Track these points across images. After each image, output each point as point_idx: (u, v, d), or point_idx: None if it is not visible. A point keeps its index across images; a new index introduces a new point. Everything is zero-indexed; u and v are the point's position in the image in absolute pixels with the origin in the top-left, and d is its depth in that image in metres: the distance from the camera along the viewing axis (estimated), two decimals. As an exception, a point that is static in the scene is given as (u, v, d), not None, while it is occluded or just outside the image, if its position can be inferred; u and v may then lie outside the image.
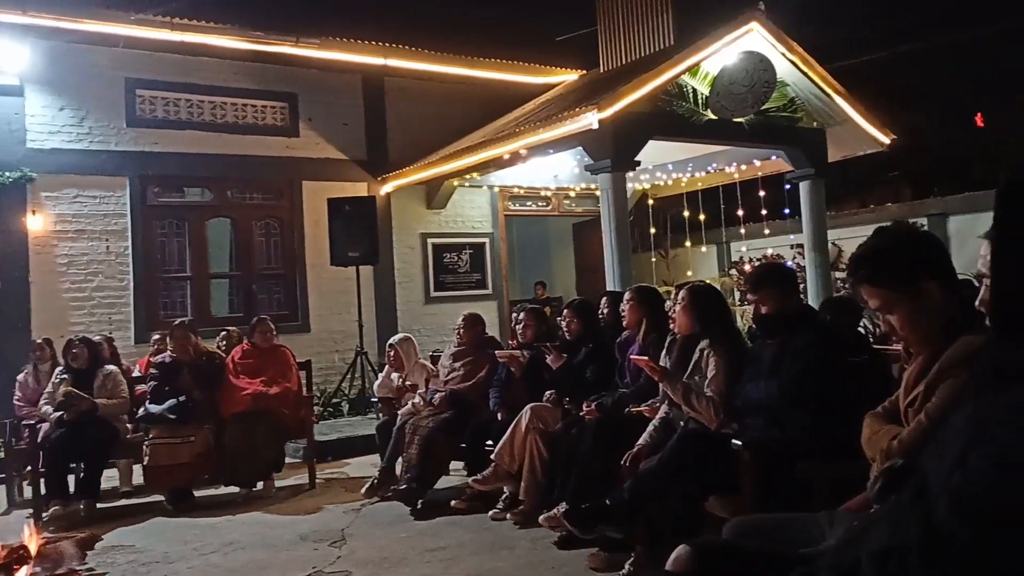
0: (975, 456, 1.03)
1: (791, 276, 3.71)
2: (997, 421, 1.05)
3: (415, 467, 5.27)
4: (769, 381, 3.30)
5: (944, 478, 1.06)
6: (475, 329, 5.86)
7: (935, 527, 1.04)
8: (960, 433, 1.08)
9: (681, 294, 3.98)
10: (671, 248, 12.38)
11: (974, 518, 1.02)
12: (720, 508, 3.36)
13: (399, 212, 10.61)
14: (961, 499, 1.03)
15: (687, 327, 3.95)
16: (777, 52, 8.48)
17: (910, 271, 2.11)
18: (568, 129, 7.75)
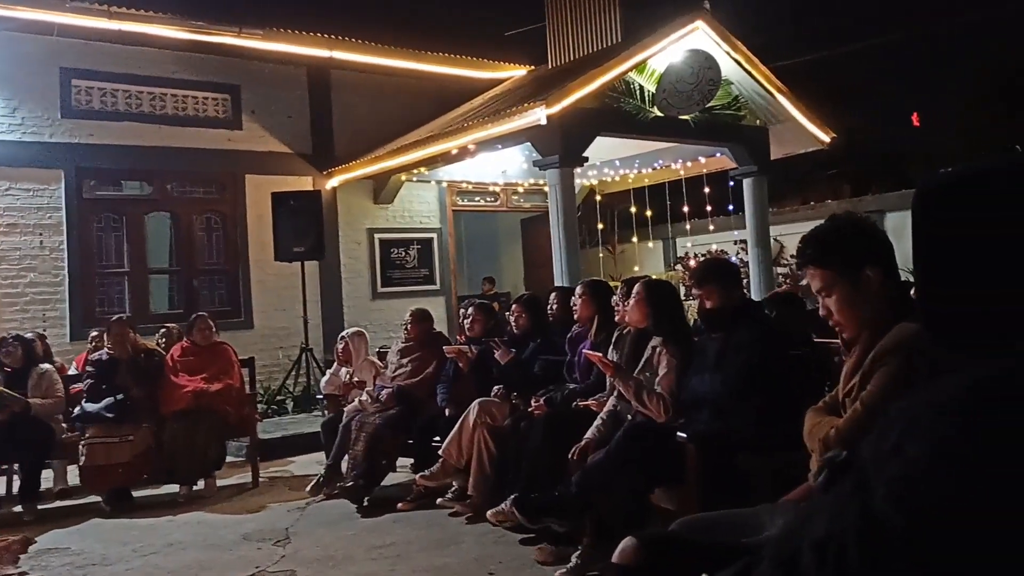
0: (911, 445, 1.05)
1: (734, 271, 3.76)
2: (933, 410, 1.07)
3: (361, 464, 5.22)
4: (713, 375, 3.35)
5: (881, 467, 1.08)
6: (423, 325, 5.82)
7: (872, 515, 1.06)
8: (897, 423, 1.11)
9: (636, 288, 4.01)
10: (618, 244, 12.48)
11: (909, 506, 1.03)
12: (666, 500, 3.40)
13: (345, 207, 10.48)
14: (897, 487, 1.04)
15: (640, 321, 3.98)
16: (722, 51, 8.61)
17: (855, 255, 2.20)
18: (516, 124, 7.75)
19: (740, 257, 10.45)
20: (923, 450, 1.05)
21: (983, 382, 1.05)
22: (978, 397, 1.04)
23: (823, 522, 1.20)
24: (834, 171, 16.42)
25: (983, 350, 1.10)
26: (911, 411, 1.12)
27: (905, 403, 1.19)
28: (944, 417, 1.05)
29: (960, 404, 1.05)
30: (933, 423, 1.06)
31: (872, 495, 1.09)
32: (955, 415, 1.04)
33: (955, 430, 1.03)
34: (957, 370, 1.12)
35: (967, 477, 1.00)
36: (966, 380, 1.07)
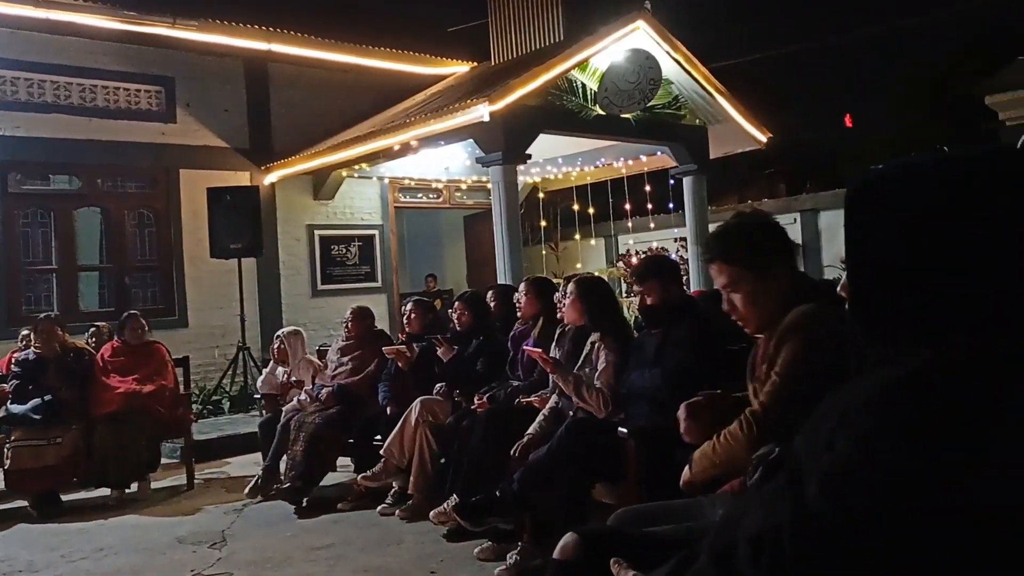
0: (841, 440, 1.07)
1: (674, 268, 3.80)
2: (860, 405, 1.09)
3: (300, 464, 5.14)
4: (653, 370, 3.39)
5: (814, 462, 1.10)
6: (364, 322, 5.76)
7: (805, 509, 1.07)
8: (828, 418, 1.12)
9: (569, 287, 4.03)
10: (561, 241, 12.53)
11: (840, 498, 1.05)
12: (607, 495, 3.42)
13: (284, 203, 10.28)
14: (828, 480, 1.06)
15: (576, 319, 4.00)
16: (662, 51, 8.71)
17: (762, 252, 2.27)
18: (459, 121, 7.72)
19: (680, 254, 10.59)
20: (852, 444, 1.07)
21: (908, 378, 1.07)
22: (903, 392, 1.06)
23: (758, 516, 1.21)
24: (771, 170, 16.78)
25: (910, 344, 1.12)
26: (841, 406, 1.14)
27: (835, 398, 1.21)
28: (871, 412, 1.07)
29: (886, 399, 1.07)
30: (861, 418, 1.07)
31: (805, 489, 1.10)
32: (881, 410, 1.06)
33: (881, 424, 1.05)
34: (884, 364, 1.15)
35: (893, 469, 1.02)
36: (892, 376, 1.09)
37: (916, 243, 1.11)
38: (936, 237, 1.10)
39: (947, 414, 1.00)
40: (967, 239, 1.08)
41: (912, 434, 1.01)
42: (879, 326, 1.18)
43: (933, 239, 1.10)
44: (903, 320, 1.14)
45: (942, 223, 1.10)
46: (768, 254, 2.27)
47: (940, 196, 1.10)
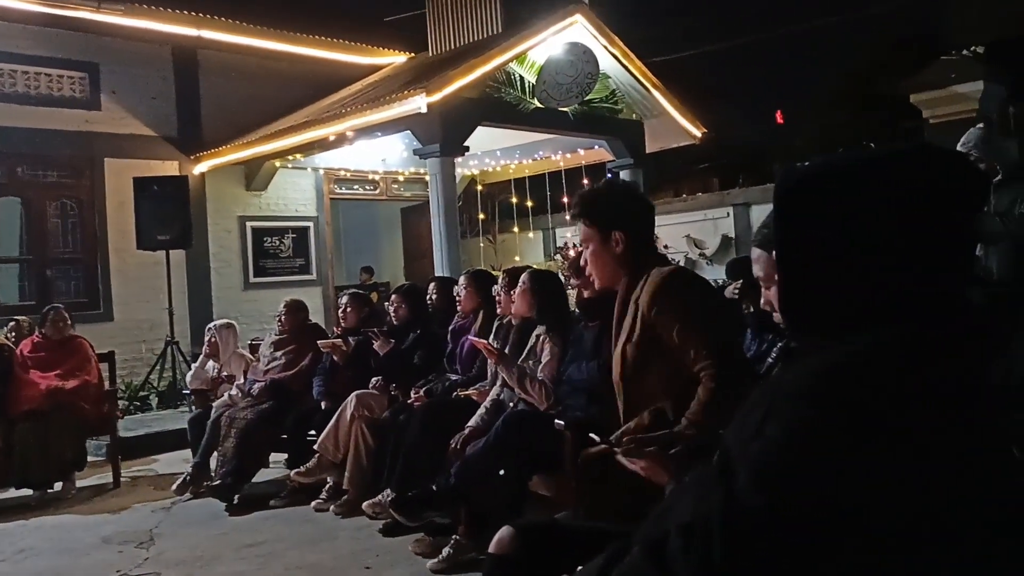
0: (769, 427, 1.08)
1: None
2: (788, 394, 1.11)
3: (231, 460, 5.03)
4: (590, 362, 3.40)
5: (743, 451, 1.11)
6: (298, 316, 5.65)
7: (735, 497, 1.08)
8: (757, 407, 1.14)
9: (523, 278, 4.01)
10: (499, 233, 12.52)
11: (769, 486, 1.06)
12: (543, 487, 3.43)
13: (215, 193, 10.04)
14: (758, 468, 1.08)
15: (527, 311, 3.99)
16: (600, 45, 8.76)
17: (607, 217, 2.61)
18: (396, 112, 7.64)
19: (617, 247, 10.67)
20: (780, 433, 1.09)
21: (833, 368, 1.10)
22: (829, 382, 1.08)
23: (689, 506, 1.22)
24: (705, 165, 17.06)
25: (836, 334, 1.14)
26: (769, 396, 1.16)
27: (764, 388, 1.23)
28: (798, 401, 1.09)
29: (812, 389, 1.09)
30: (789, 407, 1.09)
31: (735, 478, 1.12)
32: (808, 399, 1.08)
33: (808, 412, 1.07)
34: (811, 354, 1.17)
35: (820, 456, 1.05)
36: (818, 366, 1.12)
37: (842, 237, 1.13)
38: (861, 232, 1.12)
39: (870, 402, 1.03)
40: (890, 234, 1.11)
41: (838, 422, 1.03)
42: (807, 318, 1.21)
43: (858, 234, 1.12)
44: (829, 311, 1.17)
45: (867, 219, 1.12)
46: (611, 220, 2.59)
47: (865, 193, 1.13)
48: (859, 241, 1.12)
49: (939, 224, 1.11)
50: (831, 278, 1.15)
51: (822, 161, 1.20)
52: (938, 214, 1.10)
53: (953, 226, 1.12)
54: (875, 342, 1.09)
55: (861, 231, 1.12)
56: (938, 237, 1.11)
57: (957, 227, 1.13)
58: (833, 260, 1.14)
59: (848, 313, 1.14)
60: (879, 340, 1.08)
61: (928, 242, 1.11)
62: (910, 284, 1.11)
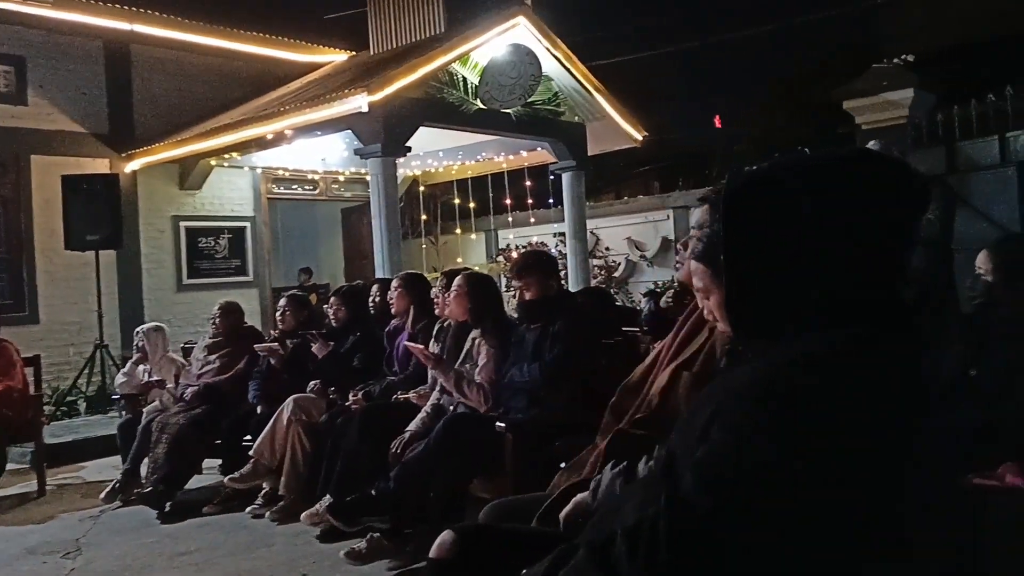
0: (715, 430, 1.08)
1: (552, 263, 3.82)
2: (733, 397, 1.11)
3: (163, 467, 4.88)
4: (531, 364, 3.39)
5: (689, 452, 1.10)
6: (232, 318, 5.52)
7: (680, 499, 1.08)
8: (703, 409, 1.13)
9: (457, 281, 3.97)
10: (441, 235, 12.45)
11: (715, 487, 1.07)
12: (483, 489, 3.40)
13: (147, 192, 9.74)
14: (703, 470, 1.08)
15: (462, 314, 3.96)
16: (542, 47, 8.77)
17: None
18: (336, 111, 7.53)
19: (559, 249, 10.71)
20: (725, 435, 1.09)
21: (777, 370, 1.10)
22: (773, 384, 1.09)
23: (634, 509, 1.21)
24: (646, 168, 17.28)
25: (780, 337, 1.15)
26: (715, 399, 1.15)
27: (709, 390, 1.23)
28: (743, 404, 1.10)
29: (757, 391, 1.10)
30: (734, 410, 1.10)
31: (680, 480, 1.11)
32: (753, 402, 1.09)
33: (753, 415, 1.08)
34: (756, 357, 1.17)
35: (764, 458, 1.05)
36: (763, 369, 1.12)
37: (788, 240, 1.15)
38: (806, 235, 1.14)
39: (813, 405, 1.03)
40: (834, 237, 1.13)
41: (782, 424, 1.03)
42: (752, 320, 1.21)
43: (803, 237, 1.14)
44: (774, 313, 1.17)
45: (811, 222, 1.14)
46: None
47: (810, 197, 1.14)
48: (804, 244, 1.14)
49: (881, 229, 1.13)
50: (776, 280, 1.16)
51: (769, 165, 1.22)
52: (880, 219, 1.13)
53: (894, 230, 1.14)
54: (817, 344, 1.10)
55: (806, 234, 1.14)
56: (880, 241, 1.13)
57: (898, 231, 1.15)
58: (778, 262, 1.15)
59: (792, 315, 1.15)
60: (821, 342, 1.09)
61: (870, 246, 1.13)
62: (852, 287, 1.12)
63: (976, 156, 7.43)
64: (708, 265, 1.78)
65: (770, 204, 1.17)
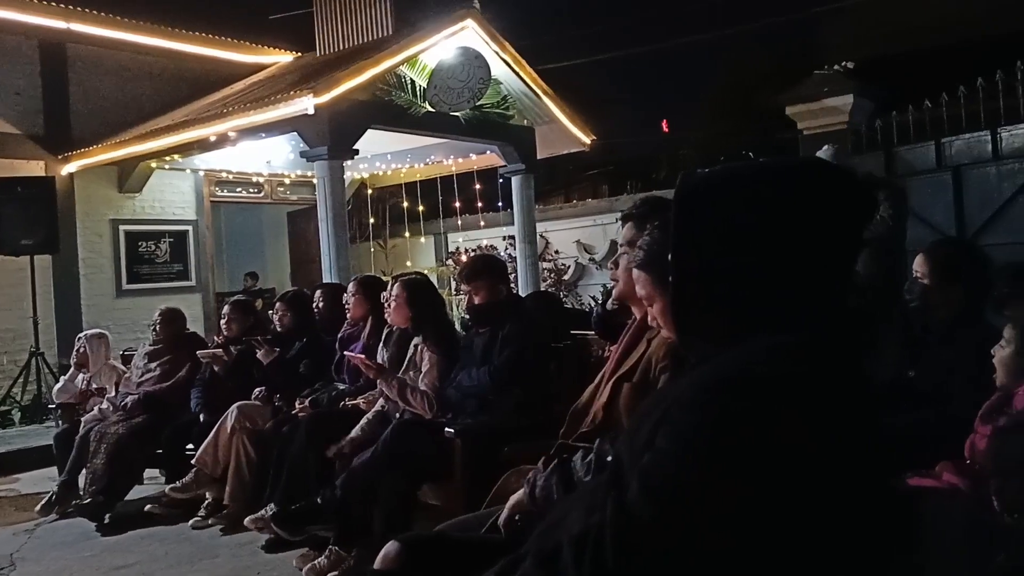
0: (660, 438, 1.09)
1: (502, 267, 3.82)
2: (677, 404, 1.11)
3: (102, 478, 4.75)
4: (480, 369, 3.38)
5: (635, 462, 1.10)
6: (173, 325, 5.39)
7: (626, 508, 1.08)
8: (650, 417, 1.13)
9: (396, 289, 3.93)
10: (390, 238, 12.35)
11: (659, 495, 1.07)
12: (432, 496, 3.37)
13: (85, 195, 9.46)
14: (648, 479, 1.08)
15: (403, 321, 3.92)
16: (491, 50, 8.76)
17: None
18: (282, 113, 7.41)
19: (509, 252, 10.71)
20: (671, 443, 1.09)
21: (722, 379, 1.10)
22: (717, 393, 1.09)
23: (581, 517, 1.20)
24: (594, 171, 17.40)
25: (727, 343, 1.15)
26: (662, 406, 1.15)
27: (656, 397, 1.23)
28: (688, 412, 1.10)
29: (702, 400, 1.10)
30: (679, 418, 1.10)
31: (626, 489, 1.11)
32: (698, 410, 1.09)
33: (698, 424, 1.07)
34: (702, 364, 1.17)
35: (709, 466, 1.05)
36: (708, 376, 1.13)
37: (736, 246, 1.16)
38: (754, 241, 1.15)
39: (758, 414, 1.04)
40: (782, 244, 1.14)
41: (727, 432, 1.04)
42: (699, 324, 1.21)
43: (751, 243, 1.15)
44: (721, 318, 1.18)
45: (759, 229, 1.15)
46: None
47: (759, 204, 1.15)
48: (750, 250, 1.14)
49: (827, 236, 1.15)
50: (722, 286, 1.16)
51: (720, 170, 1.23)
52: (826, 226, 1.15)
53: (840, 237, 1.16)
54: (760, 354, 1.10)
55: (752, 240, 1.15)
56: (826, 248, 1.15)
57: (844, 239, 1.16)
58: (725, 268, 1.16)
59: (738, 321, 1.15)
60: (767, 350, 1.10)
61: (816, 252, 1.14)
62: (798, 292, 1.13)
63: (913, 161, 7.64)
64: (650, 273, 1.80)
65: (718, 210, 1.17)
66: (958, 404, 2.52)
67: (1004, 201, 6.96)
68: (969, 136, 7.27)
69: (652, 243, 1.81)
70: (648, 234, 1.85)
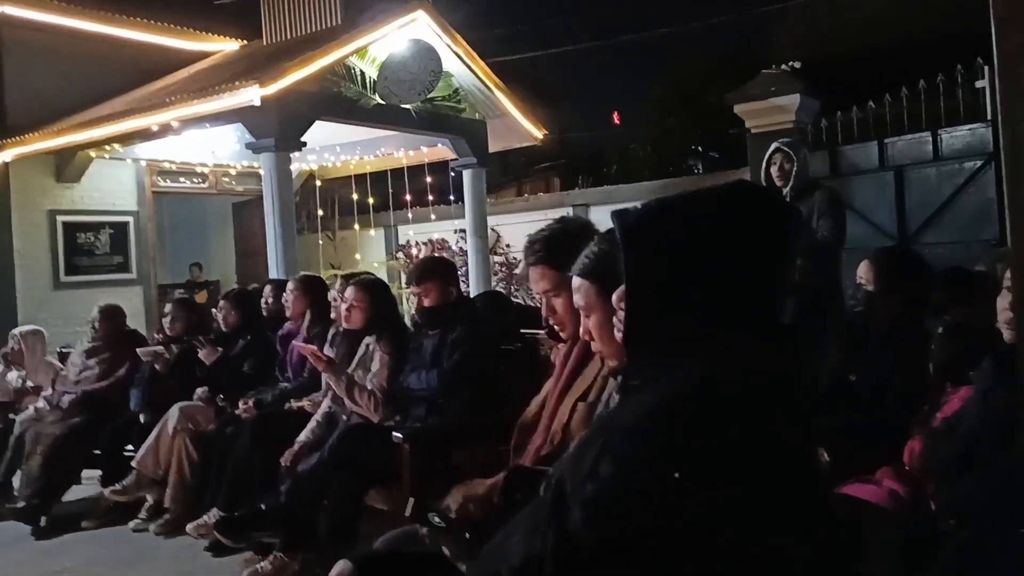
0: (603, 465, 1.09)
1: (452, 269, 3.78)
2: (620, 432, 1.12)
3: (37, 480, 4.62)
4: (430, 371, 3.35)
5: (578, 489, 1.10)
6: (113, 322, 5.23)
7: (568, 536, 1.08)
8: (594, 443, 1.13)
9: (353, 293, 3.84)
10: (339, 230, 12.19)
11: (602, 524, 1.07)
12: (380, 500, 3.33)
13: (20, 185, 9.11)
14: (590, 507, 1.08)
15: (360, 323, 3.85)
16: (442, 43, 8.68)
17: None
18: (227, 104, 7.23)
19: (460, 246, 10.66)
20: (613, 470, 1.08)
21: (662, 405, 1.11)
22: (659, 420, 1.10)
23: (522, 545, 1.19)
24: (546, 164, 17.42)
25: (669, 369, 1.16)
26: (605, 432, 1.15)
27: (600, 422, 1.23)
28: (630, 439, 1.10)
29: (644, 427, 1.10)
30: (622, 445, 1.10)
31: (568, 516, 1.10)
32: (639, 437, 1.09)
33: (640, 451, 1.08)
34: (644, 390, 1.18)
35: (649, 494, 1.05)
36: (649, 402, 1.13)
37: (673, 272, 1.18)
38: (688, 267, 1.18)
39: (698, 441, 1.05)
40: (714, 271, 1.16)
41: (667, 460, 1.04)
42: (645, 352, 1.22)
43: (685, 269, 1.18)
44: (664, 342, 1.18)
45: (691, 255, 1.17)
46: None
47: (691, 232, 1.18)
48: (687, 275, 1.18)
49: (755, 258, 1.18)
50: (665, 310, 1.18)
51: (655, 204, 1.25)
52: (753, 249, 1.18)
53: (768, 258, 1.19)
54: (696, 378, 1.12)
55: (688, 266, 1.18)
56: (754, 269, 1.17)
57: (770, 254, 1.20)
58: (666, 293, 1.18)
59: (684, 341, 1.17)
60: (701, 379, 1.12)
61: (745, 274, 1.17)
62: (730, 314, 1.15)
63: (857, 160, 7.80)
64: (594, 282, 1.73)
65: (657, 239, 1.20)
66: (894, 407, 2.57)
67: (943, 201, 7.14)
68: (911, 137, 7.45)
69: (601, 253, 1.76)
70: (595, 244, 1.81)
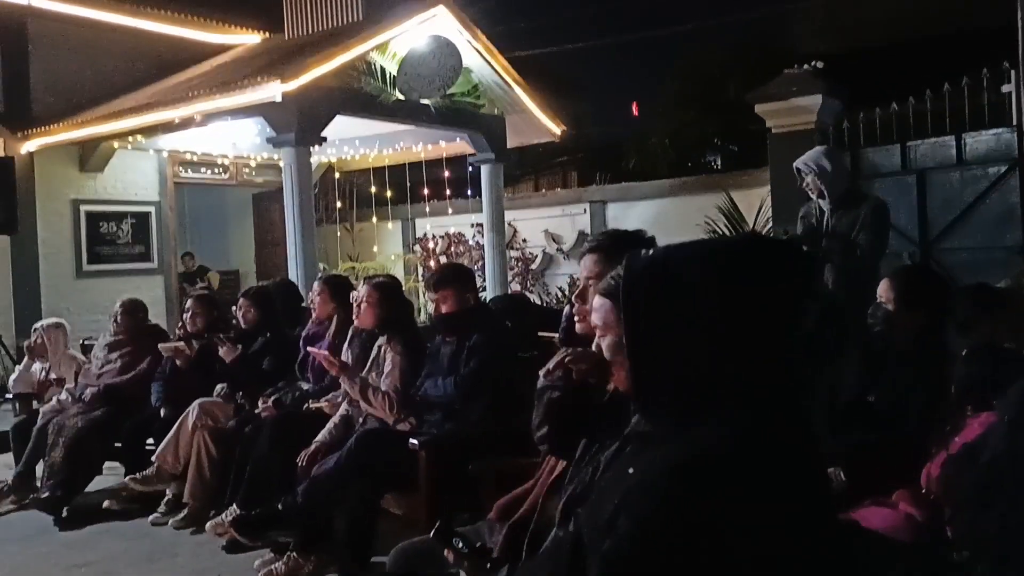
0: (622, 521, 1.10)
1: (470, 275, 3.80)
2: (640, 487, 1.12)
3: (60, 471, 4.68)
4: (447, 378, 3.37)
5: (597, 541, 1.11)
6: (135, 317, 5.28)
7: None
8: (612, 495, 1.14)
9: (365, 291, 3.89)
10: (357, 222, 12.24)
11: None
12: (396, 506, 3.37)
13: (45, 174, 9.23)
14: (610, 562, 1.08)
15: (371, 323, 3.89)
16: (463, 39, 8.68)
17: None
18: (249, 99, 7.30)
19: (477, 240, 10.68)
20: (632, 527, 1.10)
21: (681, 464, 1.11)
22: (677, 479, 1.10)
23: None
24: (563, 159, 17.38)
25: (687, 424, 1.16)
26: (623, 487, 1.16)
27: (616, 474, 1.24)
28: (650, 496, 1.11)
29: (664, 483, 1.11)
30: (641, 501, 1.11)
31: (587, 569, 1.12)
32: (659, 493, 1.10)
33: (659, 508, 1.08)
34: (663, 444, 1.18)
35: (668, 553, 1.06)
36: (668, 460, 1.13)
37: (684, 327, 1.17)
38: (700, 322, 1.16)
39: (716, 502, 1.05)
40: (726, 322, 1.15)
41: (688, 518, 1.05)
42: (657, 403, 1.22)
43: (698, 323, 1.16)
44: (678, 397, 1.18)
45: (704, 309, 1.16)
46: None
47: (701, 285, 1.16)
48: (699, 330, 1.16)
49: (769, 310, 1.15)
50: (677, 365, 1.17)
51: (663, 253, 1.24)
52: (768, 302, 1.16)
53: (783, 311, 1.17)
54: (715, 438, 1.12)
55: (700, 321, 1.16)
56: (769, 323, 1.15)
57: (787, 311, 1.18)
58: (677, 348, 1.17)
59: (695, 398, 1.16)
60: (719, 438, 1.11)
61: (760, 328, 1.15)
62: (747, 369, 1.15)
63: (879, 163, 7.73)
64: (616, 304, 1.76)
65: (665, 291, 1.19)
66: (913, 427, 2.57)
67: (966, 206, 7.07)
68: (934, 140, 7.36)
69: None
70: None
